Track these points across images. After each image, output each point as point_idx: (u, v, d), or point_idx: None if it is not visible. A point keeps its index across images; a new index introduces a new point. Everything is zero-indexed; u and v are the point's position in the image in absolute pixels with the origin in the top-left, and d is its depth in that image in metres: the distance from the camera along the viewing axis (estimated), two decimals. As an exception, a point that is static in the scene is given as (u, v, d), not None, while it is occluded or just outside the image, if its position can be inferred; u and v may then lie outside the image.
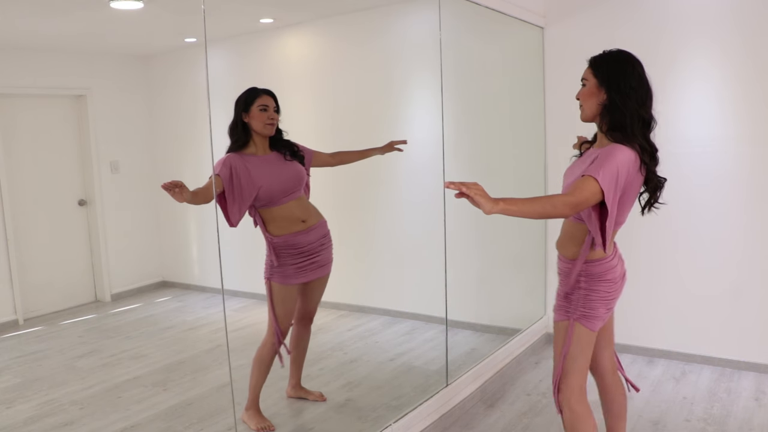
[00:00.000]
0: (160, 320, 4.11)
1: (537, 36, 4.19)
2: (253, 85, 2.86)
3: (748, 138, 3.60)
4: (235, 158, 2.78)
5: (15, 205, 3.30)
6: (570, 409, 2.18)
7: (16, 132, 3.37)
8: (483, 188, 1.70)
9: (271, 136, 2.87)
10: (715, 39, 3.63)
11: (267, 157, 2.87)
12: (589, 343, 2.17)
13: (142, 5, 3.15)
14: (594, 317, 2.14)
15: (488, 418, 3.25)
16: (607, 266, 2.15)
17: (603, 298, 2.15)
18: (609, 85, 2.01)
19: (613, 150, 1.95)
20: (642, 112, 1.99)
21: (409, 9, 4.22)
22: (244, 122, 2.82)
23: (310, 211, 2.96)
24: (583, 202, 1.86)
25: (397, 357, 3.85)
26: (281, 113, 2.89)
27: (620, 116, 1.98)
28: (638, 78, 2.01)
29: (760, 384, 3.54)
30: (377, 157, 3.28)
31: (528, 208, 1.78)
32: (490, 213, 1.70)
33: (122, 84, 3.92)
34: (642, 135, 2.00)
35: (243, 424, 2.93)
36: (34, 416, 3.00)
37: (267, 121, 2.81)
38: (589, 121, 2.11)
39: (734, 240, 3.69)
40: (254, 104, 2.79)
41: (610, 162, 1.90)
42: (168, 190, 2.31)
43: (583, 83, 2.10)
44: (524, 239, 4.38)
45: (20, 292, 3.34)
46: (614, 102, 1.99)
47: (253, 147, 2.85)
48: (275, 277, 2.88)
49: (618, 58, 2.05)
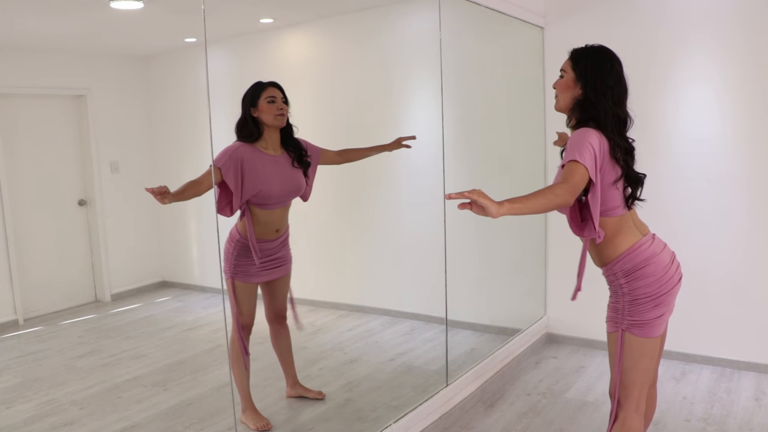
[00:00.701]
0: (160, 320, 4.11)
1: (537, 36, 4.19)
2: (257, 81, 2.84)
3: (748, 137, 3.59)
4: (246, 150, 2.76)
5: (15, 205, 3.30)
6: (623, 422, 2.10)
7: (16, 132, 3.37)
8: (484, 192, 1.68)
9: (282, 127, 2.85)
10: (715, 38, 3.63)
11: (278, 158, 2.85)
12: (644, 354, 2.05)
13: (142, 5, 3.15)
14: (643, 323, 2.03)
15: (488, 419, 3.25)
16: (642, 254, 2.04)
17: (649, 297, 2.02)
18: (586, 81, 2.01)
19: (581, 133, 1.96)
20: (617, 111, 2.00)
21: (409, 9, 4.22)
22: (253, 117, 2.80)
23: (284, 222, 2.96)
24: (578, 184, 1.86)
25: (397, 357, 3.85)
26: (290, 105, 2.87)
27: (594, 113, 1.99)
28: (616, 76, 2.01)
29: (760, 384, 3.54)
30: (377, 157, 3.27)
31: (533, 204, 1.76)
32: (497, 216, 1.67)
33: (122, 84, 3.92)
34: (617, 132, 2.00)
35: (243, 425, 2.94)
36: (34, 416, 3.00)
37: (277, 112, 2.79)
38: (561, 111, 2.12)
39: (734, 240, 3.69)
40: (261, 97, 2.77)
41: (583, 142, 1.91)
42: (153, 194, 2.33)
43: (561, 74, 2.10)
44: (524, 239, 4.38)
45: (20, 292, 3.34)
46: (589, 98, 2.00)
47: (264, 142, 2.83)
48: (239, 276, 2.87)
49: (598, 55, 2.04)
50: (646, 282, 2.02)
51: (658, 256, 2.05)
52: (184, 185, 2.53)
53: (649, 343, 2.05)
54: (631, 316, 2.04)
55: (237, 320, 2.89)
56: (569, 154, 1.91)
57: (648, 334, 2.04)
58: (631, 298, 2.04)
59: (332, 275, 4.48)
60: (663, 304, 2.05)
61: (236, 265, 2.86)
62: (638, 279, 2.02)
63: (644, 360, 2.06)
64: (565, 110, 2.11)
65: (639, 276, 2.02)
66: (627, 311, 2.05)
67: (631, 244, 2.04)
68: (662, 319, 2.07)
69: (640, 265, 2.02)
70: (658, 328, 2.06)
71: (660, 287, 2.03)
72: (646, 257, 2.03)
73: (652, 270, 2.02)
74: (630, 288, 2.04)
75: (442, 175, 3.34)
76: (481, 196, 1.64)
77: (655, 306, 2.03)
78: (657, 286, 2.02)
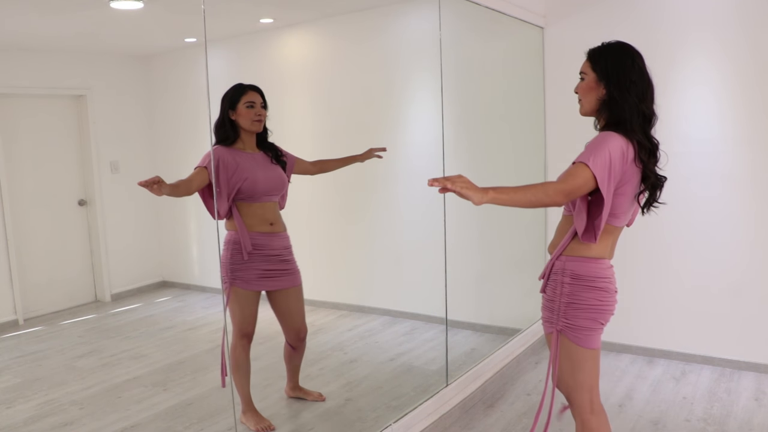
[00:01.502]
0: (160, 320, 4.11)
1: (537, 36, 4.19)
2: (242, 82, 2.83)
3: (748, 138, 3.59)
4: (223, 150, 2.78)
5: (15, 205, 3.30)
6: (582, 423, 2.07)
7: (16, 132, 3.37)
8: (468, 179, 1.64)
9: (258, 132, 2.87)
10: (715, 39, 3.63)
11: (255, 155, 2.87)
12: (584, 358, 1.99)
13: (142, 5, 3.15)
14: (576, 328, 1.97)
15: (488, 418, 3.25)
16: (599, 269, 1.98)
17: (591, 308, 1.96)
18: (608, 79, 1.93)
19: (603, 136, 1.88)
20: (642, 107, 1.91)
21: (409, 9, 4.22)
22: (231, 119, 2.80)
23: (277, 218, 2.94)
24: (576, 189, 1.79)
25: (397, 357, 3.85)
26: (268, 109, 2.87)
27: (620, 111, 1.90)
28: (638, 71, 1.93)
29: (760, 384, 3.53)
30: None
31: (520, 197, 1.71)
32: (480, 204, 1.63)
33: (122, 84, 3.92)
34: (642, 131, 1.91)
35: (243, 425, 2.94)
36: (34, 416, 3.00)
37: (254, 118, 2.79)
38: (588, 115, 2.04)
39: (734, 240, 3.69)
40: (240, 101, 2.78)
41: (601, 148, 1.83)
42: (147, 186, 2.31)
43: (581, 77, 2.02)
44: (524, 239, 4.38)
45: (20, 292, 3.34)
46: (613, 97, 1.91)
47: (241, 143, 2.84)
48: (237, 282, 2.82)
49: (617, 51, 1.96)
50: (590, 296, 1.97)
51: (611, 283, 2.02)
52: (178, 181, 2.56)
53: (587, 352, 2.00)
54: (566, 318, 1.99)
55: (239, 327, 2.88)
56: (584, 155, 1.84)
57: (581, 344, 1.98)
58: (569, 300, 1.98)
59: (332, 275, 4.47)
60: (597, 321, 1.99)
61: (233, 270, 2.82)
62: (584, 291, 1.97)
63: (588, 362, 2.01)
64: (591, 113, 2.02)
65: (587, 288, 1.97)
66: (562, 312, 1.99)
67: (599, 255, 1.98)
68: (595, 334, 2.00)
69: (595, 282, 1.97)
70: (590, 341, 1.99)
71: (600, 305, 1.98)
72: (604, 277, 1.98)
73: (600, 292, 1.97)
74: (570, 291, 1.98)
75: (442, 175, 3.34)
76: (463, 186, 1.61)
77: (590, 318, 1.97)
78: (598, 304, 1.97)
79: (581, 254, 1.99)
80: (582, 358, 2.00)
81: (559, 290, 2.01)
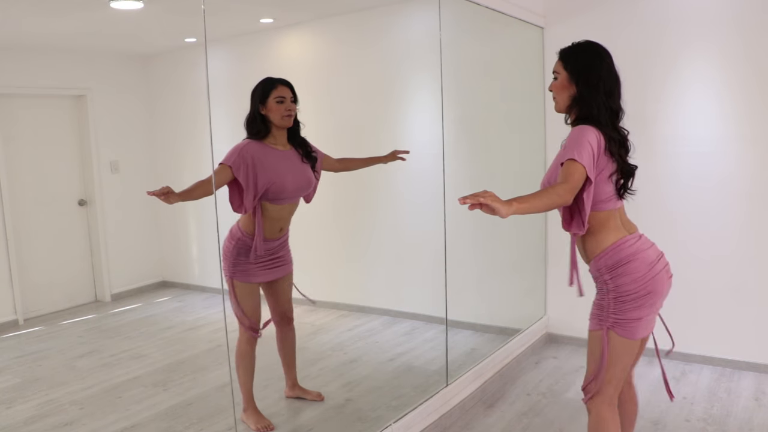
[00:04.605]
0: (160, 320, 4.11)
1: (537, 36, 4.19)
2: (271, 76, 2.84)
3: (748, 138, 3.59)
4: (255, 146, 2.77)
5: (15, 205, 3.30)
6: (597, 414, 2.13)
7: (16, 132, 3.37)
8: (494, 194, 1.71)
9: (289, 127, 2.87)
10: (716, 39, 3.63)
11: (287, 153, 2.87)
12: (626, 353, 2.07)
13: (142, 5, 3.15)
14: (626, 323, 2.04)
15: (488, 418, 3.25)
16: (623, 249, 2.05)
17: (632, 294, 2.03)
18: (578, 78, 2.05)
19: (580, 130, 1.99)
20: (610, 103, 2.03)
21: (409, 9, 4.22)
22: (262, 114, 2.81)
23: (289, 220, 2.97)
24: (577, 184, 1.90)
25: (397, 357, 3.85)
26: (299, 102, 2.88)
27: (589, 108, 2.03)
28: (606, 69, 2.04)
29: (760, 384, 3.53)
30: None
31: (538, 203, 1.81)
32: (507, 216, 1.70)
33: (122, 84, 3.92)
34: (611, 125, 2.04)
35: (243, 424, 2.94)
36: (34, 416, 3.00)
37: (284, 113, 2.80)
38: (562, 112, 2.16)
39: (734, 240, 3.69)
40: (270, 96, 2.78)
41: (582, 141, 1.94)
42: (156, 196, 2.31)
43: (555, 76, 2.14)
44: (524, 239, 4.38)
45: (20, 292, 3.34)
46: (583, 95, 2.04)
47: (272, 139, 2.84)
48: (238, 276, 2.86)
49: (586, 51, 2.08)
50: (629, 278, 2.03)
51: (642, 252, 2.07)
52: (193, 184, 2.53)
53: (631, 343, 2.07)
54: (615, 314, 2.06)
55: (245, 319, 2.89)
56: (568, 152, 1.94)
57: (630, 335, 2.05)
58: (616, 295, 2.05)
59: (332, 275, 4.47)
60: (646, 305, 2.05)
61: (235, 264, 2.85)
62: (621, 275, 2.03)
63: (625, 358, 2.09)
64: (564, 110, 2.15)
65: (622, 272, 2.03)
66: (612, 309, 2.06)
67: (615, 239, 2.07)
68: (644, 322, 2.07)
69: (624, 261, 2.04)
70: (639, 331, 2.07)
71: (644, 284, 2.03)
72: (630, 253, 2.05)
73: (635, 267, 2.03)
74: (615, 285, 2.05)
75: (442, 175, 3.34)
76: (493, 200, 1.67)
77: (638, 307, 2.04)
78: (641, 283, 2.03)
79: (602, 248, 2.07)
80: (624, 351, 2.07)
81: (605, 288, 2.09)
